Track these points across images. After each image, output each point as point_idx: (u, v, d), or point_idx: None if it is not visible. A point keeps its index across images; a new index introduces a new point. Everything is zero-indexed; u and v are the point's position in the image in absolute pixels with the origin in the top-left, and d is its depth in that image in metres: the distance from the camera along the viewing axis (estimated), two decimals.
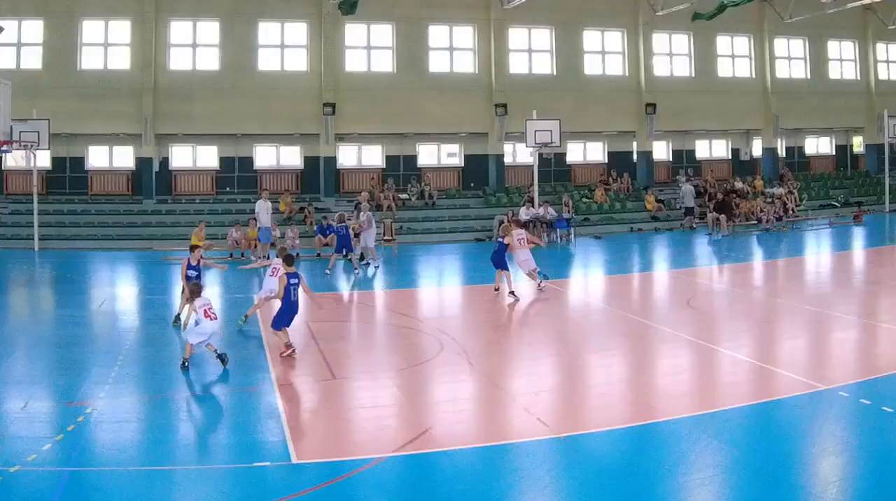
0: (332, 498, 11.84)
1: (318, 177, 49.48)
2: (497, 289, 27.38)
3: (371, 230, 35.95)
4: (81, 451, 13.31)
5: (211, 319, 18.49)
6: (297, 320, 20.93)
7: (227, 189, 49.71)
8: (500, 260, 27.53)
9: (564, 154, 52.95)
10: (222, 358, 18.39)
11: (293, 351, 19.42)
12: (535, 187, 46.91)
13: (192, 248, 24.29)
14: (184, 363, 18.41)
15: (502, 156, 51.64)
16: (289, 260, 20.52)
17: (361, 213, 36.24)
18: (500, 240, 28.16)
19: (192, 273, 23.18)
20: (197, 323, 18.85)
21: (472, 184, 51.67)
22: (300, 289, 19.91)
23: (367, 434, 14.63)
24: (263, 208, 39.13)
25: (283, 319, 19.72)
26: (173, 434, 14.49)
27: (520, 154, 52.28)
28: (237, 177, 49.93)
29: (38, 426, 14.70)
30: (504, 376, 18.21)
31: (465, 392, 17.19)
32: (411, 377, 18.15)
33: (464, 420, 15.37)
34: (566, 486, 12.13)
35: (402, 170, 51.68)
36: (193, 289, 19.34)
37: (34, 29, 46.47)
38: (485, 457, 13.25)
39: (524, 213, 44.11)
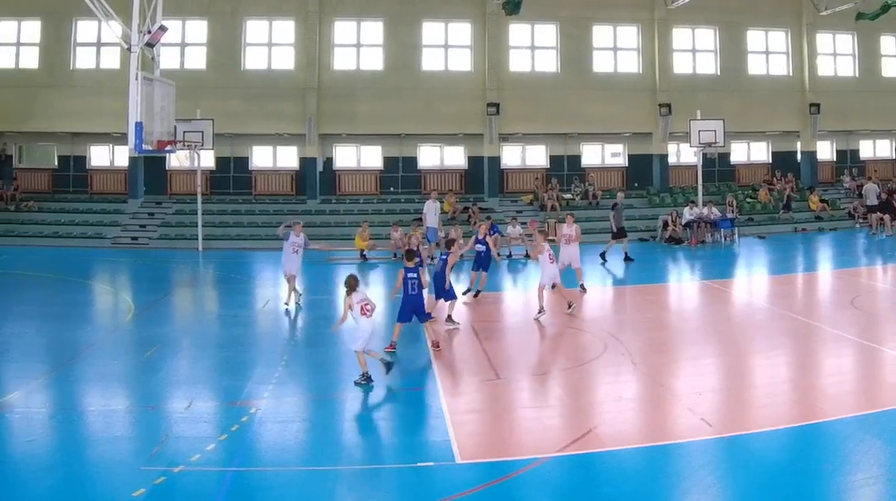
0: (497, 498, 10.13)
1: (481, 177, 40.55)
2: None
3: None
4: (245, 451, 11.56)
5: (367, 317, 14.81)
6: (463, 320, 19.86)
7: (391, 189, 41.12)
8: None
9: (728, 154, 43.09)
10: (388, 365, 15.00)
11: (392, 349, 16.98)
12: (700, 187, 37.70)
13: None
14: (364, 376, 14.70)
15: (666, 155, 42.03)
16: (410, 254, 17.64)
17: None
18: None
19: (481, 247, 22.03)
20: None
21: (636, 184, 41.94)
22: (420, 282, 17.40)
23: (531, 434, 12.54)
24: (431, 209, 32.59)
25: (403, 312, 17.30)
26: (337, 435, 12.43)
27: (683, 154, 42.76)
28: (401, 177, 41.24)
29: (202, 426, 12.67)
30: (667, 376, 15.49)
31: (628, 391, 14.58)
32: (575, 377, 15.67)
33: (627, 420, 13.09)
34: (730, 486, 10.22)
35: (566, 170, 42.12)
36: (351, 283, 15.02)
37: (198, 29, 39.28)
38: (649, 457, 11.26)
39: (688, 213, 36.33)
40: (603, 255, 30.31)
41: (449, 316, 19.51)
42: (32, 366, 15.99)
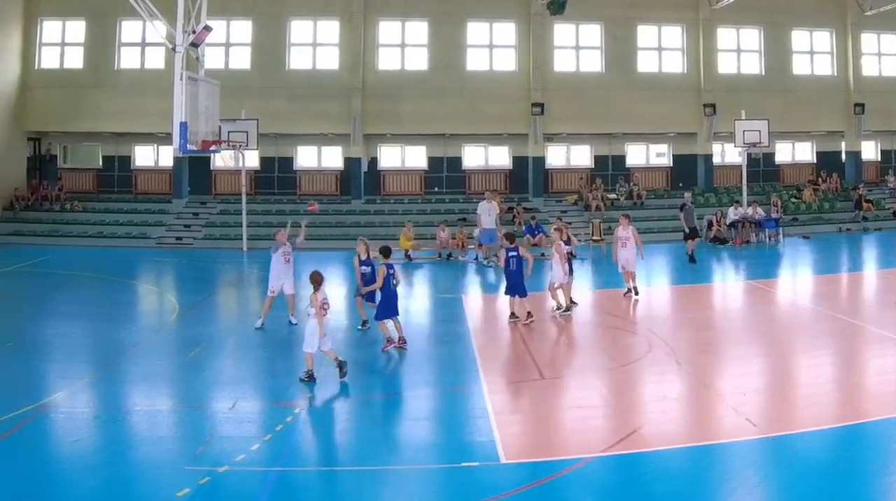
0: (541, 498, 9.61)
1: (526, 177, 38.74)
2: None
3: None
4: (290, 451, 11.10)
5: (322, 315, 14.04)
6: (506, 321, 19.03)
7: (436, 189, 39.36)
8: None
9: (773, 154, 41.06)
10: (341, 366, 14.19)
11: (404, 343, 16.44)
12: (744, 187, 35.98)
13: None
14: (308, 374, 14.07)
15: (711, 155, 40.05)
16: (386, 251, 16.86)
17: None
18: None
19: (365, 269, 17.84)
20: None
21: (680, 184, 39.83)
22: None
23: (576, 434, 11.97)
24: (486, 209, 30.25)
25: (389, 309, 16.50)
26: (381, 434, 11.95)
27: (728, 154, 40.77)
28: (445, 177, 39.49)
29: (246, 426, 12.10)
30: (712, 376, 14.74)
31: (673, 391, 13.83)
32: (619, 377, 14.77)
33: (672, 420, 12.30)
34: (775, 486, 9.73)
35: (610, 170, 40.27)
36: (318, 279, 14.29)
37: (243, 29, 37.68)
38: (694, 457, 10.68)
39: (733, 213, 34.62)
40: (692, 257, 28.96)
41: (514, 313, 18.95)
42: (78, 366, 15.54)
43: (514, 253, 18.70)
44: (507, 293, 18.93)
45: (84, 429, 11.94)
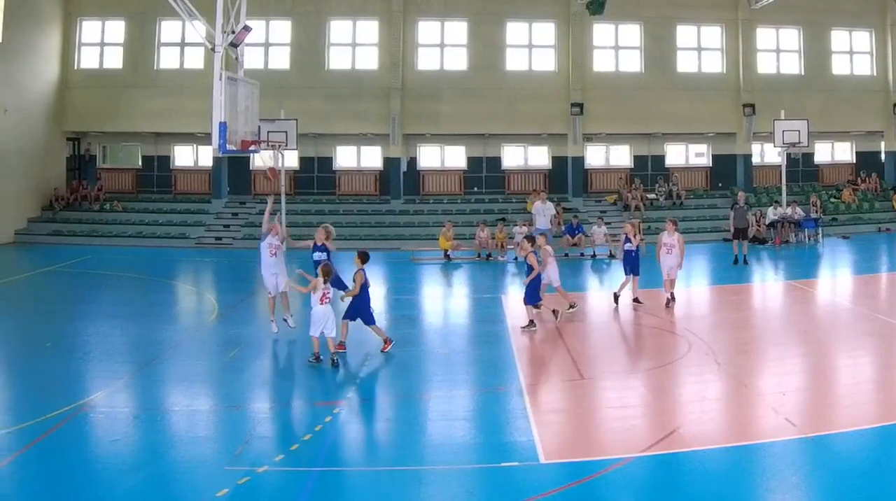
0: (580, 499, 9.29)
1: (565, 176, 37.25)
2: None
3: None
4: (329, 451, 10.67)
5: (322, 305, 14.37)
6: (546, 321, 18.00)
7: (475, 189, 37.90)
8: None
9: (812, 154, 39.28)
10: (333, 360, 14.33)
11: (343, 348, 15.15)
12: (783, 187, 34.19)
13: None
14: (316, 357, 14.47)
15: (750, 155, 38.37)
16: (364, 256, 15.85)
17: None
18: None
19: (320, 255, 17.06)
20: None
21: (719, 184, 38.50)
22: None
23: (615, 434, 11.49)
24: (541, 210, 29.64)
25: (364, 314, 15.52)
26: (421, 434, 11.40)
27: (767, 154, 39.04)
28: (485, 177, 38.05)
29: (285, 426, 11.88)
30: (751, 376, 13.93)
31: (712, 392, 13.19)
32: (659, 377, 14.03)
33: (711, 420, 11.84)
34: (815, 486, 9.34)
35: (649, 169, 38.70)
36: (330, 271, 14.55)
37: (282, 29, 36.39)
38: (733, 458, 10.20)
39: (772, 213, 33.02)
40: (736, 259, 27.34)
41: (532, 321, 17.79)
42: (117, 366, 15.09)
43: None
44: (530, 301, 17.51)
45: (123, 429, 11.61)
